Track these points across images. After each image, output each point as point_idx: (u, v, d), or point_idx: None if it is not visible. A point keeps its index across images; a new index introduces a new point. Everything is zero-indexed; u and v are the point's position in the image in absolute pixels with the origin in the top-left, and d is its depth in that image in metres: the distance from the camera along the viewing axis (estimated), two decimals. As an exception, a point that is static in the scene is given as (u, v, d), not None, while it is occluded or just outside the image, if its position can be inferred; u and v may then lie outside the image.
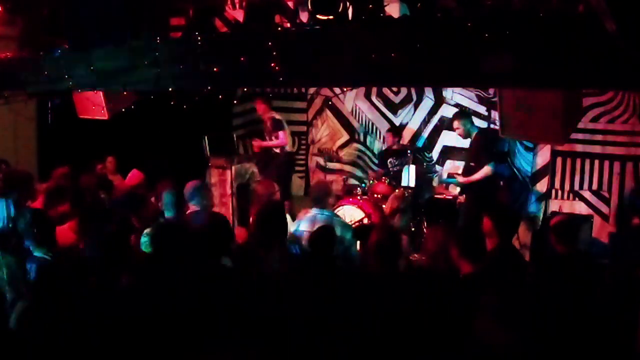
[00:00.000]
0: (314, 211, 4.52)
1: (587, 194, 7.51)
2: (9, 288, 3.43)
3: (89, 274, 3.18)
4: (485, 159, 6.14)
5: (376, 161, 8.53)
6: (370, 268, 3.66)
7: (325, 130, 9.13)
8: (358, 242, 4.59)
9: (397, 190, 6.64)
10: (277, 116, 7.98)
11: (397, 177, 7.27)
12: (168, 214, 4.59)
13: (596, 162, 7.43)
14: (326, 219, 4.40)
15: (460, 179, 6.38)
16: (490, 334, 2.62)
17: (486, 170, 6.10)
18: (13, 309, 3.18)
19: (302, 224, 4.46)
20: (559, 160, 7.61)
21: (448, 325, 3.00)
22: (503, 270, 3.81)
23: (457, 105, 8.16)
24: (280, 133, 7.87)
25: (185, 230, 3.59)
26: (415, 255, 4.89)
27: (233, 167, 7.68)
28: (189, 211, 4.58)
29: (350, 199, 6.72)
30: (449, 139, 8.27)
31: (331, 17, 3.97)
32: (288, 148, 8.11)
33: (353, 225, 6.19)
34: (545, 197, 7.66)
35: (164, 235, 3.44)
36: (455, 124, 6.49)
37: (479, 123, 7.95)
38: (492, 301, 2.91)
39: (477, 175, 6.14)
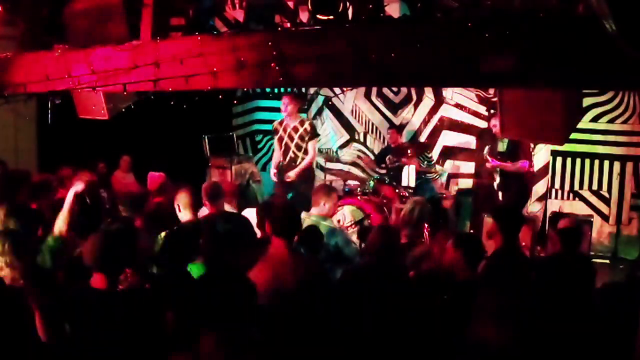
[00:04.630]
0: (302, 215, 4.50)
1: (587, 194, 7.51)
2: None
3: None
4: (522, 154, 6.52)
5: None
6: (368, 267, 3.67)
7: (325, 130, 9.13)
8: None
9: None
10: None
11: (397, 176, 7.27)
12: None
13: (596, 162, 7.44)
14: (312, 223, 4.38)
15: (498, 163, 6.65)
16: (488, 335, 2.63)
17: (522, 164, 6.46)
18: None
19: None
20: (559, 160, 7.61)
21: (447, 326, 3.00)
22: (507, 271, 3.81)
23: (457, 105, 8.16)
24: (313, 144, 6.72)
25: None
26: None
27: (233, 167, 7.71)
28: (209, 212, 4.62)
29: (350, 199, 6.72)
30: (449, 139, 8.27)
31: (331, 17, 3.97)
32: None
33: (352, 226, 6.23)
34: (545, 197, 7.67)
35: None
36: (494, 120, 6.61)
37: (479, 123, 7.97)
38: (490, 302, 2.91)
39: (512, 167, 6.50)
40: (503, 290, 3.21)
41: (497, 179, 6.67)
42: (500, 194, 6.64)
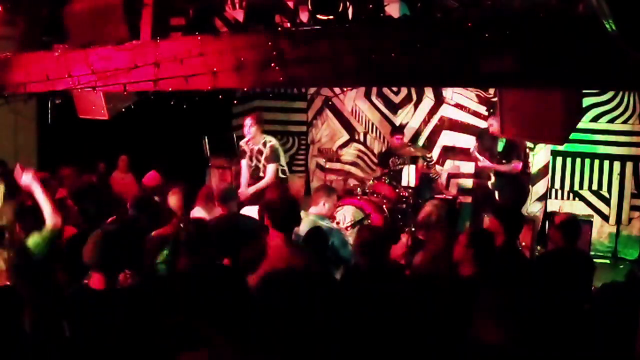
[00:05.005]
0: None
1: (587, 194, 7.51)
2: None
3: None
4: (517, 155, 6.49)
5: (376, 161, 8.53)
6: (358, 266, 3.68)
7: (325, 130, 9.13)
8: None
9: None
10: (275, 142, 6.48)
11: (398, 177, 7.27)
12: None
13: (596, 162, 7.44)
14: (309, 224, 4.37)
15: (489, 164, 6.64)
16: (488, 334, 2.62)
17: (515, 165, 6.45)
18: None
19: None
20: (559, 160, 7.61)
21: (448, 326, 3.00)
22: (506, 270, 3.81)
23: (457, 105, 8.16)
24: (273, 167, 6.29)
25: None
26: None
27: (233, 167, 7.70)
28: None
29: (350, 199, 6.71)
30: (449, 139, 8.27)
31: (331, 17, 3.97)
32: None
33: (351, 226, 6.23)
34: (545, 197, 7.67)
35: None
36: (491, 119, 6.64)
37: (479, 123, 7.97)
38: (491, 300, 2.90)
39: (505, 167, 6.48)
40: (504, 290, 3.21)
41: (493, 178, 6.69)
42: (496, 193, 6.64)
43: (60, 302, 2.92)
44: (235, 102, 8.93)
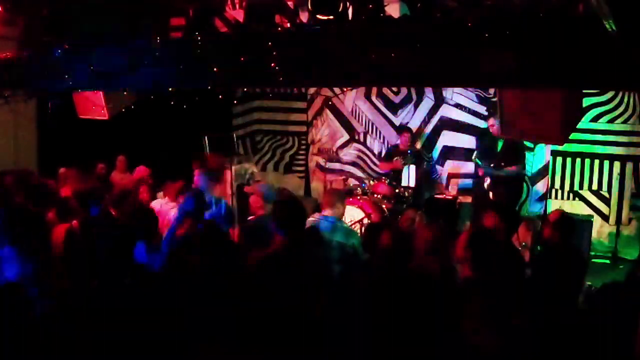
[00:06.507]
0: (316, 216, 4.50)
1: (587, 194, 7.51)
2: None
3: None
4: (516, 158, 6.50)
5: (376, 161, 8.53)
6: (379, 270, 3.64)
7: (325, 130, 9.13)
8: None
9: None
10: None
11: (397, 176, 7.28)
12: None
13: (596, 162, 7.44)
14: (329, 226, 4.36)
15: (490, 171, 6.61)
16: (479, 335, 2.62)
17: (516, 168, 6.49)
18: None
19: None
20: (559, 160, 7.61)
21: (439, 326, 2.99)
22: (502, 271, 3.80)
23: (457, 105, 8.16)
24: None
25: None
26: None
27: (233, 167, 7.69)
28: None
29: (350, 199, 6.72)
30: (449, 139, 8.27)
31: (331, 17, 3.97)
32: None
33: (352, 226, 6.23)
34: (545, 197, 7.67)
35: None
36: (491, 120, 6.64)
37: (479, 123, 7.97)
38: (484, 302, 2.90)
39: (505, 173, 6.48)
40: (497, 290, 3.21)
41: (488, 180, 6.65)
42: (490, 194, 6.62)
43: None
44: (235, 102, 8.94)
